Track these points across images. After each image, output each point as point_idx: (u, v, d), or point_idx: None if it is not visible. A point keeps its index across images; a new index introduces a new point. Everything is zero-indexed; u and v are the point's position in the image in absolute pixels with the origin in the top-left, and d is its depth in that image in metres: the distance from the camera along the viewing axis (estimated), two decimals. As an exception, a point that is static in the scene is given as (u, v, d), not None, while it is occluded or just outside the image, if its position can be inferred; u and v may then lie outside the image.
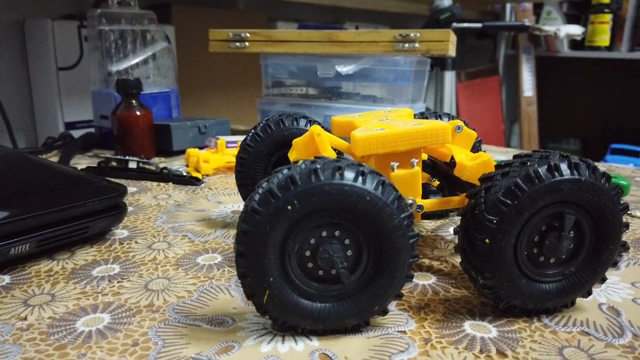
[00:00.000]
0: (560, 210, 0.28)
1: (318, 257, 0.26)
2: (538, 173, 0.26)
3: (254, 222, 0.25)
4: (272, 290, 0.26)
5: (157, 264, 0.37)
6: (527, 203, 0.26)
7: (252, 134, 0.42)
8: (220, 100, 1.17)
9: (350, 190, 0.25)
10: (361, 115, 0.38)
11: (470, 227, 0.28)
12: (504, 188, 0.27)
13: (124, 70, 0.78)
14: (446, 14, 1.36)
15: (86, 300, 0.32)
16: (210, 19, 1.08)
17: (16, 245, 0.35)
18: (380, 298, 0.27)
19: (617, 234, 0.29)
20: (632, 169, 0.69)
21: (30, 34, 0.83)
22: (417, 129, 0.31)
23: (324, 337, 0.27)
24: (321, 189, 0.25)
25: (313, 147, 0.36)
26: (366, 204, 0.25)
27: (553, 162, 0.27)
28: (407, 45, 0.66)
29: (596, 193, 0.27)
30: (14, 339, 0.28)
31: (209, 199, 0.53)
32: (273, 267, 0.26)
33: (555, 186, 0.26)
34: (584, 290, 0.30)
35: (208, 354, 0.26)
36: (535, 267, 0.29)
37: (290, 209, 0.25)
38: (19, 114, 0.85)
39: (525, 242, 0.28)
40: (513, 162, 0.28)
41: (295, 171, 0.25)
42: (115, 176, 0.59)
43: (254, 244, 0.25)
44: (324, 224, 0.26)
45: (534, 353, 0.26)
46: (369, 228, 0.26)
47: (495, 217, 0.27)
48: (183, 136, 0.72)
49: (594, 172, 0.27)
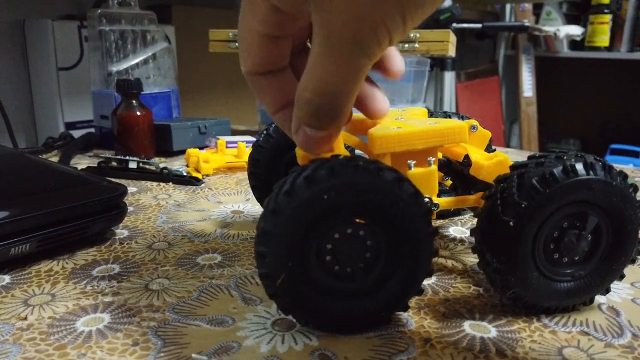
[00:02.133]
0: (585, 210, 0.28)
1: (338, 252, 0.26)
2: (574, 167, 0.27)
3: (287, 203, 0.25)
4: (288, 275, 0.26)
5: (157, 264, 0.37)
6: (558, 194, 0.27)
7: (265, 134, 0.42)
8: (220, 101, 1.17)
9: (387, 192, 0.25)
10: None
11: (496, 208, 0.28)
12: (539, 175, 0.27)
13: (124, 71, 0.78)
14: (446, 15, 1.36)
15: (86, 300, 0.32)
16: (210, 19, 1.08)
17: (16, 245, 0.35)
18: (386, 307, 0.28)
19: (632, 245, 0.29)
20: (632, 169, 0.69)
21: (30, 34, 0.83)
22: (435, 128, 0.32)
23: (323, 336, 0.27)
24: (360, 185, 0.25)
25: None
26: (398, 209, 0.26)
27: (589, 160, 0.27)
28: (406, 45, 0.66)
29: (623, 200, 0.28)
30: (14, 338, 0.28)
31: (209, 199, 0.53)
32: (295, 252, 0.26)
33: (587, 183, 0.27)
34: (588, 297, 0.30)
35: (208, 354, 0.26)
36: (548, 263, 0.29)
37: (326, 198, 0.25)
38: (19, 114, 0.85)
39: (545, 235, 0.28)
40: (548, 155, 0.28)
41: (336, 163, 0.25)
42: (115, 176, 0.59)
43: (282, 225, 0.25)
44: (351, 221, 0.26)
45: (534, 353, 0.26)
46: (394, 233, 0.26)
47: (524, 201, 0.27)
48: (183, 136, 0.72)
49: (624, 179, 0.28)
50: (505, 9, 2.08)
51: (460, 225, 0.46)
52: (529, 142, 2.10)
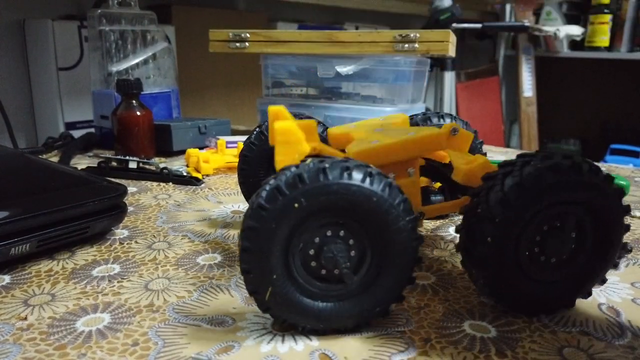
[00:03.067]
0: (562, 210, 0.28)
1: (322, 257, 0.26)
2: (542, 171, 0.26)
3: (260, 219, 0.25)
4: (275, 288, 0.26)
5: (157, 264, 0.37)
6: (530, 202, 0.26)
7: (256, 132, 0.42)
8: (220, 101, 1.17)
9: (357, 190, 0.25)
10: (357, 125, 0.39)
11: (473, 226, 0.28)
12: (507, 187, 0.27)
13: (124, 71, 0.78)
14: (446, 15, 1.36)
15: (86, 300, 0.32)
16: (210, 19, 1.08)
17: (16, 245, 0.35)
18: (381, 300, 0.27)
19: (618, 235, 0.29)
20: (632, 169, 0.69)
21: (30, 34, 0.83)
22: (411, 139, 0.32)
23: (323, 337, 0.27)
24: (329, 188, 0.25)
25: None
26: (373, 205, 0.25)
27: (556, 161, 0.27)
28: (407, 45, 0.66)
29: (599, 194, 0.27)
30: (14, 338, 0.28)
31: (209, 199, 0.53)
32: (277, 264, 0.26)
33: (557, 185, 0.26)
34: (584, 291, 0.30)
35: (208, 354, 0.26)
36: (535, 267, 0.29)
37: (297, 206, 0.25)
38: (19, 114, 0.85)
39: (527, 241, 0.28)
40: (516, 162, 0.28)
41: (304, 169, 0.25)
42: (115, 176, 0.59)
43: (259, 240, 0.25)
44: (330, 224, 0.26)
45: (534, 353, 0.26)
46: (374, 229, 0.26)
47: (497, 215, 0.27)
48: (183, 136, 0.72)
49: (597, 173, 0.27)
50: (505, 9, 2.08)
51: (460, 225, 0.46)
52: (529, 142, 2.10)
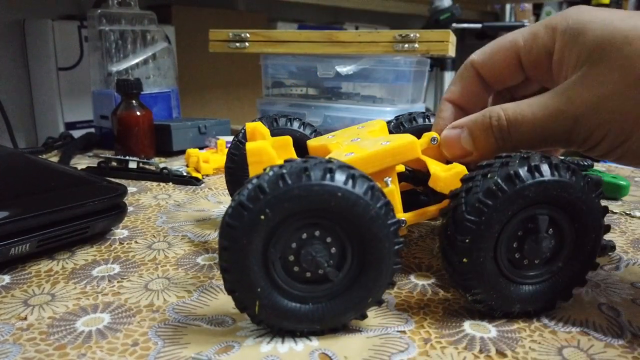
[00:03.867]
0: (532, 213, 0.28)
1: (302, 260, 0.26)
2: (499, 185, 0.26)
3: (231, 237, 0.25)
4: (262, 300, 0.26)
5: (157, 264, 0.37)
6: (495, 216, 0.26)
7: (235, 141, 0.42)
8: (220, 101, 1.17)
9: (320, 189, 0.25)
10: (335, 135, 0.39)
11: (447, 250, 0.28)
12: (470, 205, 0.27)
13: (124, 71, 0.78)
14: (446, 15, 1.36)
15: (86, 300, 0.32)
16: (210, 19, 1.08)
17: (16, 245, 0.35)
18: (371, 289, 0.27)
19: (597, 221, 0.28)
20: (632, 169, 0.69)
21: (30, 34, 0.83)
22: (385, 149, 0.31)
23: (323, 337, 0.27)
24: (291, 193, 0.24)
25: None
26: (339, 201, 0.25)
27: (512, 170, 0.26)
28: (406, 45, 0.66)
29: (564, 189, 0.27)
30: (14, 338, 0.28)
31: (209, 199, 0.53)
32: (259, 277, 0.26)
33: (519, 194, 0.26)
34: (578, 280, 0.30)
35: (208, 354, 0.26)
36: (520, 271, 0.29)
37: (263, 218, 0.25)
38: (19, 114, 0.85)
39: (505, 251, 0.28)
40: (475, 176, 0.28)
41: (263, 179, 0.25)
42: (115, 176, 0.59)
43: (235, 258, 0.25)
44: (302, 226, 0.26)
45: (534, 353, 0.26)
46: (347, 223, 0.26)
47: (466, 236, 0.27)
48: (183, 136, 0.73)
49: (557, 169, 0.27)
50: (505, 9, 2.08)
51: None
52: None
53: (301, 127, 0.43)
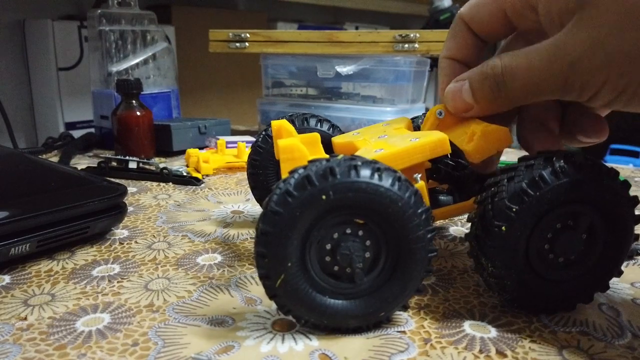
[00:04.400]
0: (577, 210, 0.28)
1: (338, 252, 0.26)
2: (564, 168, 0.27)
3: (286, 205, 0.25)
4: (288, 276, 0.26)
5: (157, 264, 0.37)
6: (548, 196, 0.27)
7: (263, 135, 0.42)
8: (220, 101, 1.17)
9: (385, 192, 0.25)
10: (360, 132, 0.39)
11: (488, 214, 0.28)
12: (527, 179, 0.27)
13: (124, 71, 0.78)
14: (446, 15, 1.36)
15: (86, 300, 0.32)
16: (210, 19, 1.08)
17: (16, 245, 0.35)
18: (388, 305, 0.27)
19: (628, 244, 0.29)
20: (632, 169, 0.69)
21: (30, 34, 0.83)
22: (415, 145, 0.31)
23: (323, 337, 0.27)
24: (358, 185, 0.25)
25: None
26: (396, 209, 0.25)
27: (578, 160, 0.27)
28: (406, 45, 0.66)
29: (616, 199, 0.28)
30: (14, 339, 0.28)
31: (209, 199, 0.53)
32: (294, 252, 0.26)
33: (577, 183, 0.27)
34: (586, 295, 0.30)
35: (208, 354, 0.26)
36: (543, 265, 0.29)
37: (324, 198, 0.25)
38: (19, 114, 0.85)
39: (539, 237, 0.28)
40: (537, 157, 0.28)
41: (336, 163, 0.25)
42: (115, 176, 0.59)
43: (281, 225, 0.25)
44: (350, 222, 0.27)
45: (534, 353, 0.26)
46: (392, 233, 0.26)
47: (515, 205, 0.27)
48: (183, 136, 0.72)
49: (614, 177, 0.28)
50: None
51: (460, 225, 0.46)
52: (529, 142, 2.10)
53: (318, 125, 0.43)
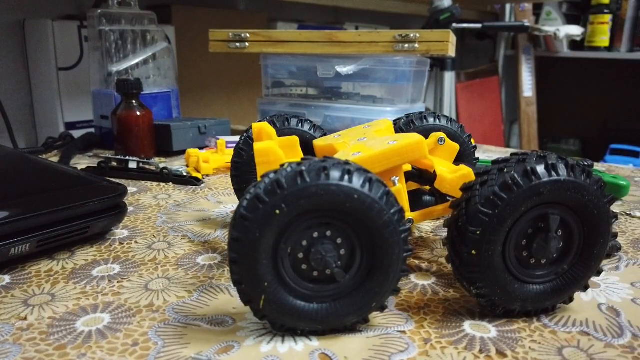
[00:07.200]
0: (544, 212, 0.28)
1: (311, 259, 0.26)
2: (515, 179, 0.26)
3: (244, 229, 0.25)
4: (268, 295, 0.26)
5: (157, 264, 0.37)
6: (508, 210, 0.26)
7: (244, 138, 0.42)
8: (220, 101, 1.17)
9: (337, 189, 0.25)
10: (341, 135, 0.39)
11: (456, 240, 0.28)
12: (484, 198, 0.27)
13: (124, 71, 0.78)
14: (446, 15, 1.36)
15: (86, 300, 0.32)
16: (210, 19, 1.08)
17: (16, 245, 0.35)
18: (377, 294, 0.27)
19: (606, 226, 0.28)
20: (632, 169, 0.69)
21: (30, 34, 0.83)
22: (392, 148, 0.31)
23: (323, 337, 0.27)
24: (308, 190, 0.25)
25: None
26: (354, 203, 0.25)
27: (530, 166, 0.26)
28: (407, 45, 0.66)
29: (578, 190, 0.27)
30: (14, 339, 0.28)
31: (209, 199, 0.53)
32: (267, 272, 0.26)
33: (534, 190, 0.26)
34: (580, 285, 0.30)
35: (208, 354, 0.26)
36: (527, 270, 0.29)
37: (278, 213, 0.25)
38: (19, 114, 0.85)
39: (513, 247, 0.28)
40: (491, 170, 0.27)
41: (281, 174, 0.25)
42: (115, 176, 0.59)
43: (245, 250, 0.25)
44: (315, 225, 0.26)
45: (534, 353, 0.26)
46: (359, 226, 0.26)
47: (478, 228, 0.27)
48: (183, 136, 0.72)
49: (573, 169, 0.27)
50: (505, 9, 2.08)
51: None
52: (528, 142, 2.10)
53: (312, 130, 0.43)
